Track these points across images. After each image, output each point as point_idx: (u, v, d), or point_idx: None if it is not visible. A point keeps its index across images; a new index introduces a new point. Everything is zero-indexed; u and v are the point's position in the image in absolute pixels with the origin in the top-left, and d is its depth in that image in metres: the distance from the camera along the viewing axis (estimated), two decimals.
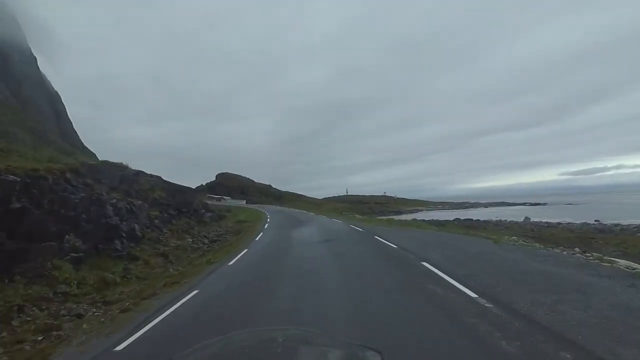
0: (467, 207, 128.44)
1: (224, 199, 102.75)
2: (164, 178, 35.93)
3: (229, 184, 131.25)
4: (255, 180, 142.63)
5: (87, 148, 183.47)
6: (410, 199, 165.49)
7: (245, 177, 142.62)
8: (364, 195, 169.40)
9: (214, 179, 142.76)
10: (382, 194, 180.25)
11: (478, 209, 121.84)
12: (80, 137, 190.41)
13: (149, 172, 33.46)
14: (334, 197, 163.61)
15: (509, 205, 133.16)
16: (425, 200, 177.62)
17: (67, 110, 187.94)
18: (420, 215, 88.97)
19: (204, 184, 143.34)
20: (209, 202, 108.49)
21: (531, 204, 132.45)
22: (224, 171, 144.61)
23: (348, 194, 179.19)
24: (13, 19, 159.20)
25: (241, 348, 2.04)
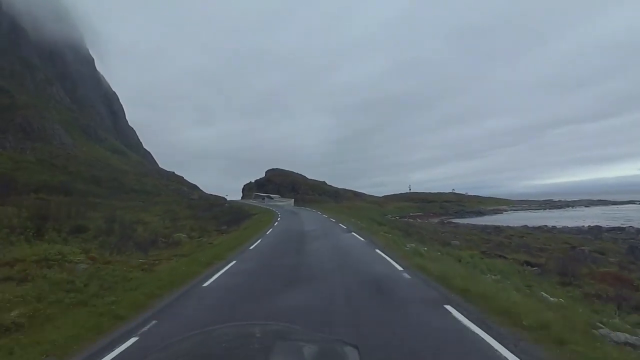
0: (560, 207, 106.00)
1: (270, 197, 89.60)
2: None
3: (278, 181, 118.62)
4: (308, 177, 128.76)
5: (143, 148, 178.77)
6: (485, 197, 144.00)
7: (297, 174, 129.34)
8: (430, 193, 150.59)
9: (264, 175, 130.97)
10: (451, 191, 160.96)
11: (577, 208, 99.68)
12: (139, 138, 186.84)
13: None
14: (395, 195, 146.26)
15: (614, 205, 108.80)
16: (503, 198, 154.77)
17: (124, 111, 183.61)
18: (512, 218, 70.39)
19: (252, 181, 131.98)
20: (252, 201, 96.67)
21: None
22: (275, 167, 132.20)
23: (411, 191, 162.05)
24: (70, 21, 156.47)
25: (219, 343, 2.05)
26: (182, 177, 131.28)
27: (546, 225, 51.16)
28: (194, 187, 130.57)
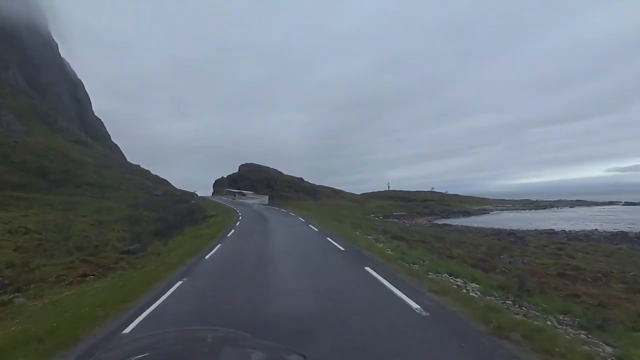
0: (544, 207, 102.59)
1: (242, 194, 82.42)
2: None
3: (253, 176, 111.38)
4: (285, 173, 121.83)
5: (110, 140, 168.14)
6: (465, 196, 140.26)
7: (272, 169, 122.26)
8: (409, 191, 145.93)
9: (237, 170, 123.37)
10: (430, 189, 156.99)
11: (562, 208, 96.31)
12: (107, 129, 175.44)
13: None
14: (374, 192, 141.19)
15: (596, 205, 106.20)
16: (482, 197, 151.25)
17: (91, 101, 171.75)
18: (503, 219, 65.60)
19: (225, 176, 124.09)
20: (223, 197, 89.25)
21: (625, 203, 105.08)
22: (249, 162, 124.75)
23: (390, 189, 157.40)
24: (30, 1, 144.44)
25: (167, 347, 2.01)
26: (149, 172, 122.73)
27: (564, 230, 45.83)
28: (163, 182, 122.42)
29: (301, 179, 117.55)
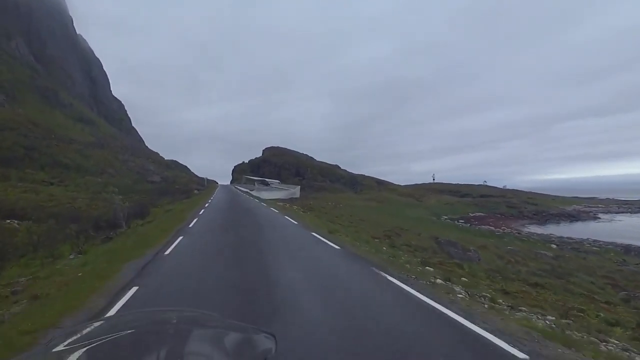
0: None
1: (264, 182, 62.44)
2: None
3: (279, 162, 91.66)
4: (317, 159, 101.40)
5: (129, 124, 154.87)
6: (535, 192, 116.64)
7: (302, 154, 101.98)
8: (460, 184, 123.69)
9: (261, 155, 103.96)
10: (483, 183, 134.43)
11: None
12: (129, 114, 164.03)
13: None
14: (419, 185, 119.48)
15: None
16: (540, 192, 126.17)
17: (110, 82, 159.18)
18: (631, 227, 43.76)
19: (245, 161, 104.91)
20: (241, 187, 70.42)
21: None
22: (274, 145, 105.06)
23: (435, 181, 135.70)
24: None
25: (131, 328, 1.91)
26: (158, 154, 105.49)
27: None
28: (177, 168, 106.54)
29: (337, 166, 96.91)
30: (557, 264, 16.22)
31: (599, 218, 61.25)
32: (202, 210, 23.18)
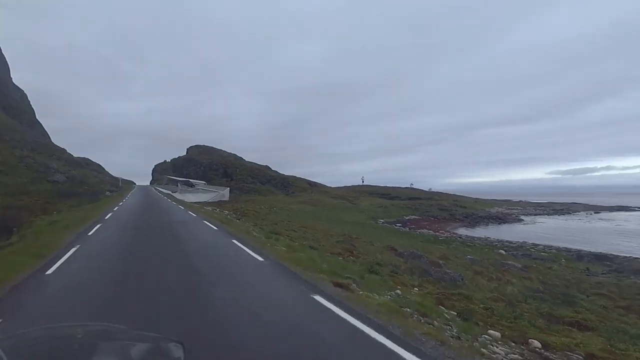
0: (562, 211, 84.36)
1: (188, 184, 57.07)
2: None
3: (205, 161, 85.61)
4: (246, 159, 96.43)
5: (32, 115, 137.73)
6: (458, 195, 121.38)
7: (230, 153, 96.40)
8: (388, 187, 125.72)
9: (185, 154, 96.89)
10: (409, 186, 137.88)
11: (582, 213, 78.81)
12: (35, 109, 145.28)
13: None
14: (348, 187, 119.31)
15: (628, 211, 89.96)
16: (459, 194, 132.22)
17: (9, 68, 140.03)
18: (553, 230, 45.85)
19: (167, 160, 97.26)
20: (161, 188, 63.84)
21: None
22: (200, 144, 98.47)
23: (364, 183, 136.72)
24: None
25: (30, 347, 1.80)
26: (64, 150, 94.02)
27: None
28: (89, 166, 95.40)
29: (268, 167, 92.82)
30: (544, 280, 14.31)
31: (523, 220, 63.84)
32: (98, 226, 15.87)
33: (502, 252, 27.45)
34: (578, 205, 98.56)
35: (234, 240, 12.53)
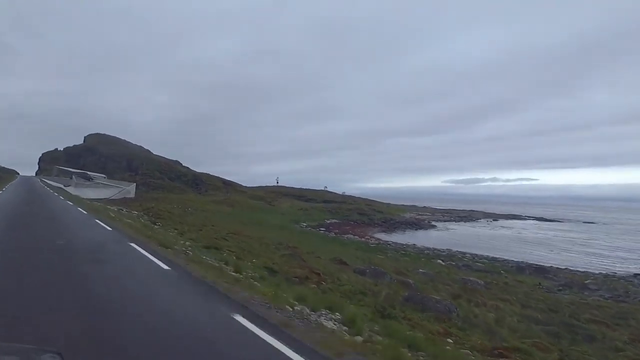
0: (466, 218, 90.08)
1: (85, 177, 49.51)
2: None
3: (106, 152, 76.26)
4: (154, 152, 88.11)
5: None
6: (368, 199, 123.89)
7: (136, 145, 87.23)
8: (304, 189, 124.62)
9: (82, 142, 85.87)
10: (324, 188, 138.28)
11: (488, 221, 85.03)
12: None
13: None
14: (262, 187, 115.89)
15: (523, 220, 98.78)
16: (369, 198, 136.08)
17: None
18: (468, 236, 48.00)
19: (60, 148, 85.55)
20: (51, 181, 53.18)
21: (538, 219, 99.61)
22: (99, 132, 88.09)
23: (279, 184, 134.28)
24: None
25: None
26: None
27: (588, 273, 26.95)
28: None
29: (178, 162, 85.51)
30: (525, 303, 12.87)
31: (435, 226, 66.21)
32: None
33: (440, 262, 26.63)
34: (477, 212, 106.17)
35: (138, 246, 10.01)
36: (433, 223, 70.53)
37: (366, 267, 16.05)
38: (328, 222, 55.25)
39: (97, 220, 15.89)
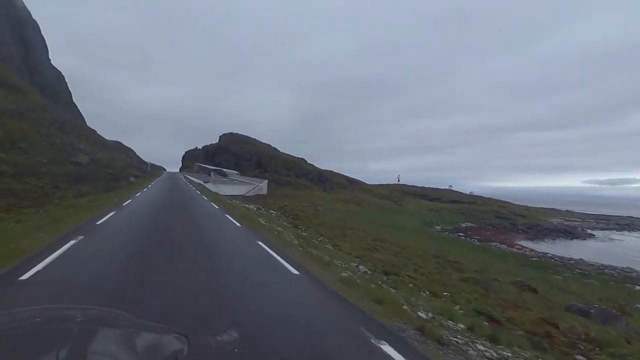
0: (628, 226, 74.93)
1: (221, 173, 51.73)
2: None
3: (238, 150, 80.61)
4: (281, 150, 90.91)
5: (68, 96, 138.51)
6: (506, 201, 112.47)
7: (264, 143, 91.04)
8: (427, 187, 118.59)
9: (217, 141, 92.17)
10: (448, 187, 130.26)
11: None
12: (72, 91, 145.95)
13: None
14: (383, 185, 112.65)
15: None
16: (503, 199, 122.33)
17: (48, 48, 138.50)
18: None
19: (199, 147, 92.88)
20: (192, 177, 53.07)
21: None
22: (232, 132, 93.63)
23: (400, 182, 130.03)
24: None
25: (26, 327, 1.71)
26: (95, 132, 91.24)
27: None
28: (128, 151, 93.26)
29: (303, 159, 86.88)
30: None
31: (594, 235, 55.76)
32: (104, 220, 11.85)
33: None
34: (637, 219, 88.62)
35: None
36: (589, 231, 59.74)
37: (588, 305, 11.77)
38: (464, 225, 49.82)
39: (259, 243, 11.22)
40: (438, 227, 44.52)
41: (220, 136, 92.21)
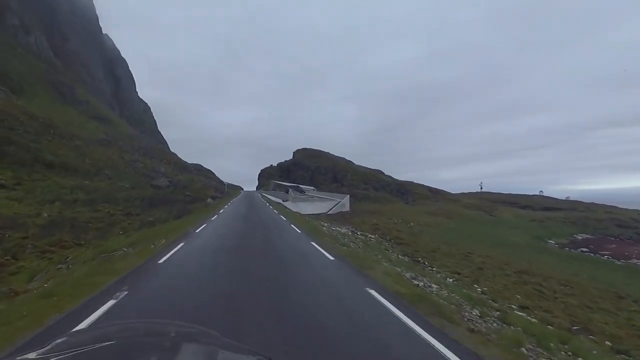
0: None
1: (299, 189, 49.19)
2: None
3: (312, 165, 78.52)
4: (355, 162, 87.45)
5: (153, 125, 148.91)
6: (610, 205, 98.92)
7: (337, 157, 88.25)
8: (512, 194, 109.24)
9: (292, 157, 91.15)
10: (539, 193, 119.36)
11: None
12: (157, 121, 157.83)
13: None
14: (464, 194, 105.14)
15: None
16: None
17: (135, 83, 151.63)
18: None
19: (274, 164, 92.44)
20: (269, 195, 48.86)
21: None
22: (305, 147, 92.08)
23: (482, 190, 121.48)
24: None
25: (125, 338, 1.91)
26: (175, 155, 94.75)
27: None
28: (208, 173, 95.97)
29: (380, 171, 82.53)
30: None
31: None
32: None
33: None
34: None
35: None
36: None
37: None
38: (580, 238, 42.24)
39: (324, 248, 8.21)
40: (552, 241, 37.76)
41: (294, 152, 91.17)
